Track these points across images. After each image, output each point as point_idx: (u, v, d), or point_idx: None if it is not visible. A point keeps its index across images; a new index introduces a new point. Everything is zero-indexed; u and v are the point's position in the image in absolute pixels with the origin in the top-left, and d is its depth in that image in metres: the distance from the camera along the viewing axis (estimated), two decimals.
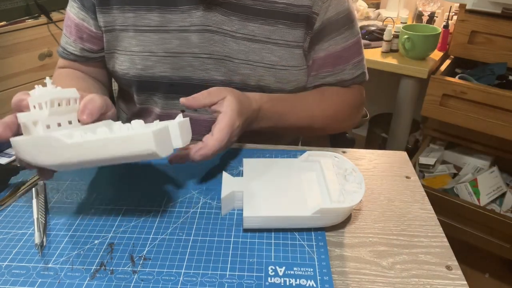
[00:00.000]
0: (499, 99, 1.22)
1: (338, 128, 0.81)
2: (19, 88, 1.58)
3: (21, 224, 0.51)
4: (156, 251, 0.47)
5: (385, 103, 2.10)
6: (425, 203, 0.55)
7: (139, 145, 0.42)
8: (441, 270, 0.45)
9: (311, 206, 0.49)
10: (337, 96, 0.75)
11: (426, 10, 1.67)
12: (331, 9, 0.68)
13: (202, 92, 0.57)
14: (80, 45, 0.75)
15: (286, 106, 0.68)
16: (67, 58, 0.78)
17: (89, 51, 0.76)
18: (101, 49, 0.76)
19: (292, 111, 0.69)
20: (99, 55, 0.77)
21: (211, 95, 0.57)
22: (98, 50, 0.76)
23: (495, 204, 1.44)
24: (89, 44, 0.75)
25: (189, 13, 0.67)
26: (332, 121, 0.75)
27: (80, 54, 0.76)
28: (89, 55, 0.76)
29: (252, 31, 0.68)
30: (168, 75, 0.71)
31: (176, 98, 0.75)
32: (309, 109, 0.71)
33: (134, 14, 0.69)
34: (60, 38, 0.83)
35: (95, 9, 0.71)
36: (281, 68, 0.70)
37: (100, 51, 0.76)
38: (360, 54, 0.75)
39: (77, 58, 0.77)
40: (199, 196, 0.56)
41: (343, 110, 0.75)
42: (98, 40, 0.74)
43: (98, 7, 0.70)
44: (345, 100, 0.76)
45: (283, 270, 0.45)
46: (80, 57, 0.77)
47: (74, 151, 0.43)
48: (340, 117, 0.76)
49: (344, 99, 0.76)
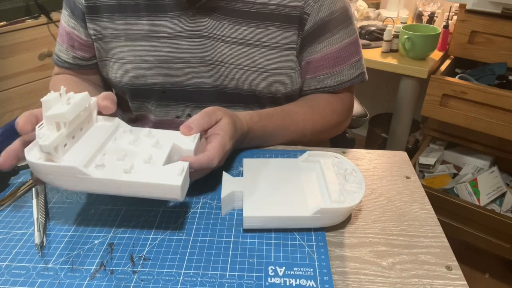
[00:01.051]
0: (499, 99, 1.22)
1: (327, 136, 0.80)
2: (19, 88, 1.58)
3: (21, 224, 0.51)
4: (156, 251, 0.47)
5: (385, 103, 2.10)
6: (425, 203, 0.55)
7: (165, 193, 0.45)
8: (441, 270, 0.45)
9: (311, 206, 0.49)
10: (325, 105, 0.73)
11: (426, 10, 1.67)
12: (324, 9, 0.67)
13: (198, 114, 0.54)
14: (72, 53, 0.76)
15: (276, 123, 0.67)
16: (62, 66, 0.78)
17: (81, 59, 0.76)
18: (93, 57, 0.75)
19: (282, 126, 0.68)
20: (92, 62, 0.77)
21: (209, 115, 0.55)
22: (90, 58, 0.76)
23: (495, 204, 1.44)
24: (80, 52, 0.75)
25: (179, 19, 0.67)
26: (322, 131, 0.74)
27: (73, 62, 0.76)
28: (81, 63, 0.77)
29: (243, 35, 0.67)
30: (160, 82, 0.71)
31: (169, 106, 0.74)
32: (299, 122, 0.70)
33: (124, 22, 0.69)
34: None
35: (85, 17, 0.71)
36: (273, 72, 0.69)
37: (92, 59, 0.76)
38: (358, 54, 0.74)
39: (71, 66, 0.77)
40: (199, 196, 0.56)
41: (332, 119, 0.74)
42: (89, 48, 0.74)
43: (87, 15, 0.70)
44: (335, 109, 0.74)
45: (283, 270, 0.45)
46: (73, 65, 0.77)
47: (98, 184, 0.44)
48: (329, 127, 0.75)
49: (334, 108, 0.74)
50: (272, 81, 0.70)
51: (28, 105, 1.61)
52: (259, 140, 0.66)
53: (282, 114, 0.69)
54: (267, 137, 0.67)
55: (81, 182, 0.44)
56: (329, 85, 0.73)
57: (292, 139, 0.70)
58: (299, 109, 0.71)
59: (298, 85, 0.73)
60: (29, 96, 1.62)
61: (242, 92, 0.71)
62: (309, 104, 0.73)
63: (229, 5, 0.66)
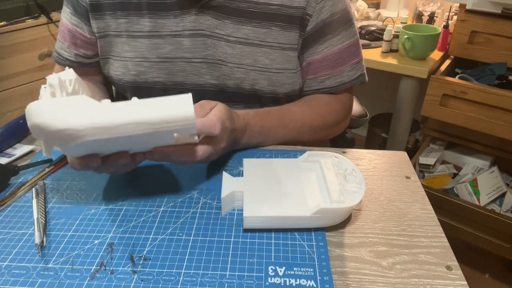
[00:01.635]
0: (499, 99, 1.22)
1: (326, 136, 0.80)
2: (19, 88, 1.58)
3: (21, 224, 0.51)
4: (156, 251, 0.47)
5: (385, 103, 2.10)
6: (425, 203, 0.55)
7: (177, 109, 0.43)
8: (441, 270, 0.45)
9: (311, 206, 0.49)
10: (324, 106, 0.73)
11: (426, 10, 1.67)
12: (325, 10, 0.68)
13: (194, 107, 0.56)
14: (74, 51, 0.75)
15: (274, 120, 0.67)
16: (63, 63, 0.77)
17: (83, 57, 0.76)
18: (96, 55, 0.75)
19: (280, 123, 0.68)
20: (94, 60, 0.76)
21: (202, 105, 0.56)
22: (93, 56, 0.76)
23: (495, 204, 1.44)
24: (83, 50, 0.75)
25: (182, 17, 0.67)
26: (320, 131, 0.74)
27: (75, 59, 0.76)
28: (83, 61, 0.76)
29: (246, 34, 0.67)
30: (162, 80, 0.71)
31: None
32: (297, 120, 0.70)
33: (126, 20, 0.69)
34: None
35: (88, 15, 0.70)
36: (275, 71, 0.69)
37: (94, 56, 0.76)
38: (358, 56, 0.74)
39: (72, 64, 0.77)
40: (199, 196, 0.56)
41: (330, 118, 0.74)
42: (92, 46, 0.74)
43: (91, 13, 0.70)
44: (333, 109, 0.74)
45: (283, 270, 0.45)
46: (75, 63, 0.76)
47: (106, 112, 0.42)
48: (327, 127, 0.74)
49: (333, 108, 0.74)
50: (274, 81, 0.70)
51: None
52: (258, 138, 0.66)
53: (280, 112, 0.69)
54: (266, 133, 0.66)
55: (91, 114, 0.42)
56: (329, 86, 0.73)
57: (291, 138, 0.70)
58: (297, 108, 0.71)
59: (299, 86, 0.73)
60: (29, 96, 1.62)
61: (243, 91, 0.71)
62: (308, 103, 0.73)
63: (232, 4, 0.66)
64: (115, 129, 0.43)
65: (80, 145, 0.44)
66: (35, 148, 0.67)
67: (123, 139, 0.44)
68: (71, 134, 0.42)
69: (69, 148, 0.46)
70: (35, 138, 0.47)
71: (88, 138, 0.43)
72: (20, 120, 0.69)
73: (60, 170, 0.61)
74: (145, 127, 0.43)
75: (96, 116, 0.42)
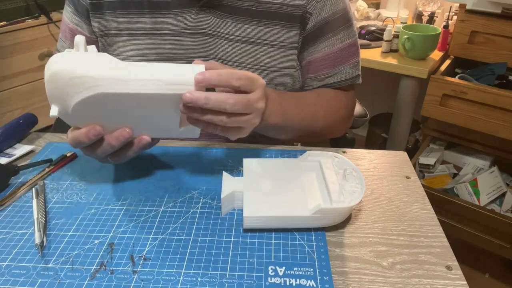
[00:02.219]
0: (499, 99, 1.22)
1: (333, 132, 0.80)
2: (19, 88, 1.58)
3: (21, 224, 0.51)
4: (156, 251, 0.47)
5: (385, 103, 2.10)
6: (425, 203, 0.55)
7: (191, 73, 0.47)
8: (441, 270, 0.45)
9: (311, 206, 0.49)
10: (334, 97, 0.74)
11: (426, 10, 1.67)
12: (326, 9, 0.68)
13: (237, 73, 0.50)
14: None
15: (291, 100, 0.67)
16: None
17: None
18: None
19: (296, 104, 0.67)
20: None
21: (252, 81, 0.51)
22: None
23: (495, 204, 1.44)
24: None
25: (182, 16, 0.67)
26: (332, 121, 0.74)
27: None
28: None
29: (246, 33, 0.67)
30: None
31: None
32: (312, 105, 0.70)
33: (127, 19, 0.69)
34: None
35: (89, 14, 0.71)
36: (275, 70, 0.69)
37: None
38: (357, 56, 0.75)
39: None
40: (199, 196, 0.56)
41: (339, 110, 0.75)
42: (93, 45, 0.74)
43: (91, 12, 0.70)
44: (340, 101, 0.75)
45: (283, 270, 0.45)
46: None
47: (124, 68, 0.45)
48: (338, 118, 0.75)
49: (340, 99, 0.75)
50: (274, 80, 0.70)
51: (28, 105, 1.61)
52: (277, 115, 0.63)
53: (295, 95, 0.69)
54: (283, 113, 0.64)
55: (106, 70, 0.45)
56: (329, 83, 0.74)
57: (305, 125, 0.69)
58: (309, 94, 0.72)
59: (299, 84, 0.74)
60: (29, 96, 1.62)
61: None
62: (317, 93, 0.74)
63: (233, 3, 0.66)
64: (130, 83, 0.45)
65: (89, 105, 0.46)
66: (35, 148, 0.67)
67: (132, 103, 0.47)
68: (87, 82, 0.45)
69: (75, 113, 0.47)
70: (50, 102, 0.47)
71: (102, 90, 0.45)
72: (20, 120, 0.69)
73: (60, 170, 0.61)
74: (159, 86, 0.46)
75: (114, 69, 0.46)
